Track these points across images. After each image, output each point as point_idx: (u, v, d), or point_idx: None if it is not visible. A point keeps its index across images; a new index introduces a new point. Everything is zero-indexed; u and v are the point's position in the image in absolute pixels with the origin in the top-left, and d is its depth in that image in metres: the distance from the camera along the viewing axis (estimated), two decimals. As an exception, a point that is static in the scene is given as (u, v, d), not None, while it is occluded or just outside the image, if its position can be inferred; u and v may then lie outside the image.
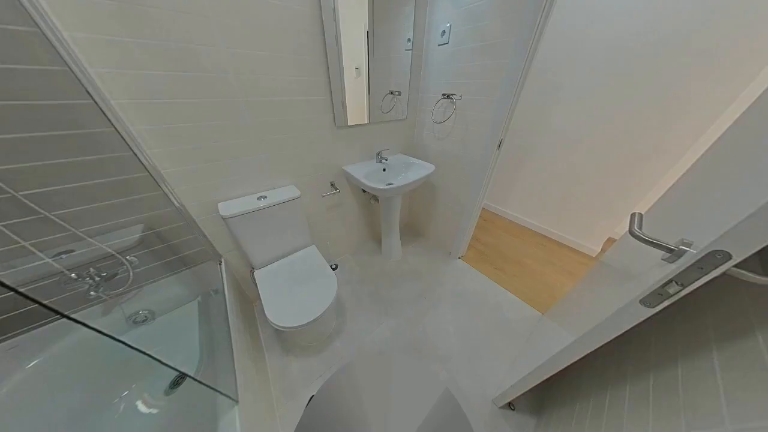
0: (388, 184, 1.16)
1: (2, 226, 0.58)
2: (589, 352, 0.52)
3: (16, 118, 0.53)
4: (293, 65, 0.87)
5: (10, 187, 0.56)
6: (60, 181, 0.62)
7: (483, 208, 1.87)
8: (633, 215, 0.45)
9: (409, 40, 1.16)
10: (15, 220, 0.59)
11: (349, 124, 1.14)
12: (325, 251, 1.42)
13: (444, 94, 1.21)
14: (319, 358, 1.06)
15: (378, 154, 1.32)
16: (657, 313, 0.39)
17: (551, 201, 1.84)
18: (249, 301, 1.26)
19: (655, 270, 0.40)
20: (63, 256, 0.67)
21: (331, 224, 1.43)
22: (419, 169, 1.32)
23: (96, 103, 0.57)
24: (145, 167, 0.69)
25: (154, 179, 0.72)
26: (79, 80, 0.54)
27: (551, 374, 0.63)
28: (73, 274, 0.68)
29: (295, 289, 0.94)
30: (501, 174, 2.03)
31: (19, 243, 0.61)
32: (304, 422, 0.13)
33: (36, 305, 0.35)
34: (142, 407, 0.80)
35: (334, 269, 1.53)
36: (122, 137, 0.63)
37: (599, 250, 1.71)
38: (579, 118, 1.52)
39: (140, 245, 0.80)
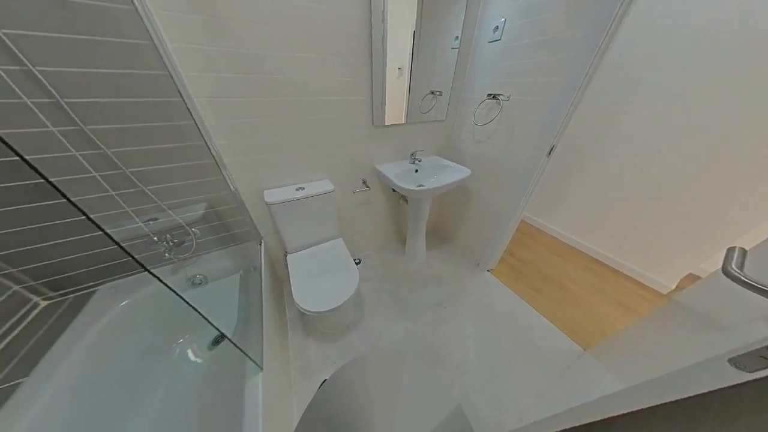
0: (419, 186, 1.15)
1: (116, 194, 0.75)
2: (643, 407, 0.43)
3: (131, 112, 0.68)
4: (339, 67, 0.92)
5: (123, 165, 0.73)
6: (154, 163, 0.77)
7: (522, 220, 1.70)
8: (731, 250, 0.35)
9: (457, 38, 1.12)
10: (123, 191, 0.76)
11: (386, 123, 1.16)
12: (350, 245, 1.48)
13: (489, 95, 1.14)
14: (336, 346, 1.11)
15: (412, 154, 1.31)
16: (754, 380, 0.30)
17: (611, 219, 1.57)
18: (280, 281, 1.38)
19: (759, 325, 0.31)
20: (150, 222, 0.84)
21: (358, 220, 1.47)
22: (453, 173, 1.27)
23: (184, 101, 0.70)
24: (213, 155, 0.82)
25: (218, 166, 0.85)
26: (174, 82, 0.67)
27: (589, 421, 0.54)
28: (155, 238, 0.84)
29: (320, 276, 1.00)
30: (549, 183, 1.81)
31: (124, 209, 0.78)
32: (314, 403, 0.14)
33: (129, 258, 0.44)
34: (191, 355, 0.96)
35: (357, 264, 1.57)
36: (199, 129, 0.76)
37: (673, 287, 1.40)
38: (661, 122, 1.25)
39: (202, 220, 0.94)
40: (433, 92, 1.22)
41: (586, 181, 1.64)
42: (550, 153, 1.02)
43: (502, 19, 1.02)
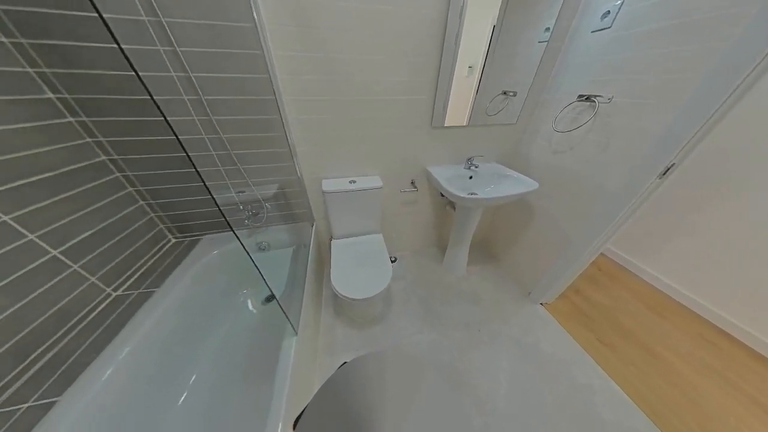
0: (471, 194, 1.06)
1: (222, 169, 0.99)
2: None
3: (242, 106, 0.88)
4: (405, 67, 0.93)
5: (230, 148, 0.94)
6: (249, 147, 0.97)
7: (602, 254, 1.37)
8: None
9: (547, 29, 0.96)
10: (227, 167, 0.99)
11: (445, 125, 1.11)
12: (389, 242, 1.51)
13: (582, 96, 0.94)
14: (360, 334, 1.16)
15: (468, 159, 1.22)
16: None
17: (757, 277, 1.08)
18: (322, 262, 1.54)
19: None
20: (239, 194, 1.06)
21: (401, 219, 1.48)
22: (515, 184, 1.12)
23: (276, 99, 0.85)
24: (289, 145, 0.97)
25: (291, 154, 1.00)
26: (272, 84, 0.82)
27: None
28: (241, 207, 1.07)
29: (356, 266, 1.07)
30: (655, 213, 1.39)
31: (225, 181, 1.02)
32: (332, 381, 0.15)
33: (223, 219, 0.57)
34: (249, 305, 1.18)
35: (393, 261, 1.60)
36: (282, 123, 0.91)
37: None
38: None
39: (273, 198, 1.14)
40: (505, 93, 1.10)
41: (722, 217, 1.17)
42: (665, 174, 0.78)
43: (618, 2, 0.82)
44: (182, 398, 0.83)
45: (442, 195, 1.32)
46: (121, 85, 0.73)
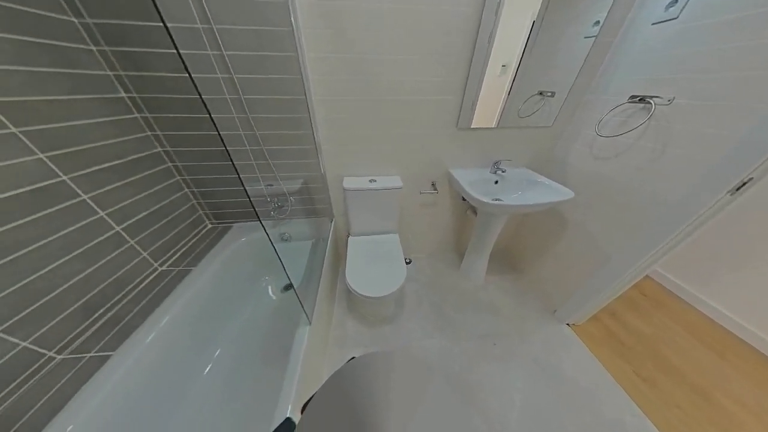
0: (495, 200, 1.01)
1: (254, 163, 1.07)
2: None
3: (275, 105, 0.94)
4: (434, 67, 0.92)
5: (263, 143, 1.01)
6: (279, 144, 1.04)
7: (647, 276, 1.21)
8: None
9: (597, 23, 0.88)
10: (258, 162, 1.07)
11: (472, 126, 1.07)
12: (405, 243, 1.49)
13: (634, 97, 0.84)
14: (370, 331, 1.17)
15: (495, 163, 1.16)
16: None
17: None
18: (339, 257, 1.58)
19: None
20: (268, 186, 1.14)
21: (419, 221, 1.46)
22: (546, 192, 1.04)
23: (306, 98, 0.90)
24: (315, 143, 1.02)
25: (317, 152, 1.04)
26: (304, 84, 0.86)
27: None
28: (268, 199, 1.15)
29: (371, 264, 1.08)
30: (723, 235, 1.19)
31: (256, 174, 1.10)
32: (340, 373, 0.15)
33: (252, 209, 0.62)
34: (270, 292, 1.26)
35: (408, 263, 1.58)
36: (311, 121, 0.95)
37: None
38: None
39: (297, 193, 1.20)
40: (542, 93, 1.02)
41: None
42: (738, 190, 0.66)
43: (689, -12, 0.71)
44: (207, 369, 0.92)
45: (464, 199, 1.27)
46: (177, 85, 0.83)
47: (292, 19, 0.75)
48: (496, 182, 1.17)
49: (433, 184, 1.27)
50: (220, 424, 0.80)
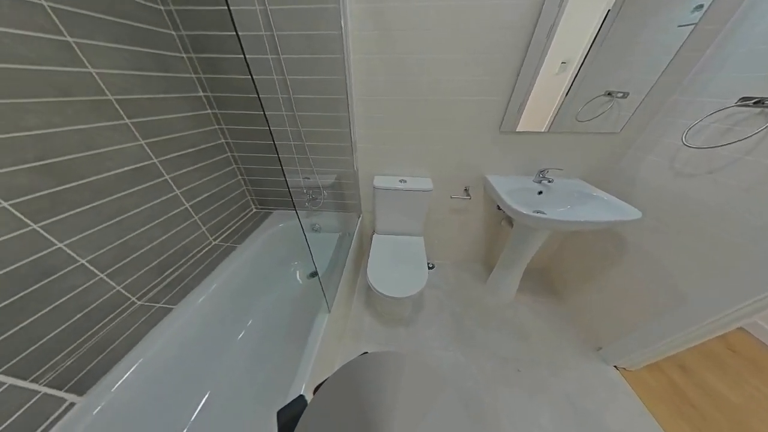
0: (536, 212, 0.91)
1: (295, 157, 1.16)
2: None
3: (319, 104, 1.00)
4: (480, 65, 0.86)
5: (305, 139, 1.10)
6: (318, 140, 1.11)
7: (741, 328, 0.96)
8: None
9: (698, 7, 0.71)
10: (298, 156, 1.16)
11: (517, 130, 0.98)
12: (429, 247, 1.46)
13: (747, 99, 0.66)
14: (385, 330, 1.18)
15: (541, 171, 1.04)
16: None
17: None
18: (362, 253, 1.62)
19: None
20: (305, 179, 1.23)
21: (446, 226, 1.41)
22: (604, 209, 0.90)
23: (347, 98, 0.94)
24: (351, 141, 1.06)
25: (352, 149, 1.09)
26: (346, 84, 0.91)
27: None
28: (304, 190, 1.24)
29: (393, 264, 1.08)
30: None
31: (296, 168, 1.20)
32: (351, 365, 0.16)
33: (290, 199, 0.68)
34: (297, 276, 1.37)
35: (430, 268, 1.54)
36: (349, 119, 1.00)
37: None
38: None
39: (330, 187, 1.27)
40: (610, 93, 0.88)
41: None
42: None
43: None
44: (240, 335, 1.04)
45: (499, 208, 1.18)
46: (240, 85, 0.96)
47: (342, 23, 0.79)
48: (540, 193, 1.05)
49: (465, 190, 1.21)
50: (245, 386, 0.90)
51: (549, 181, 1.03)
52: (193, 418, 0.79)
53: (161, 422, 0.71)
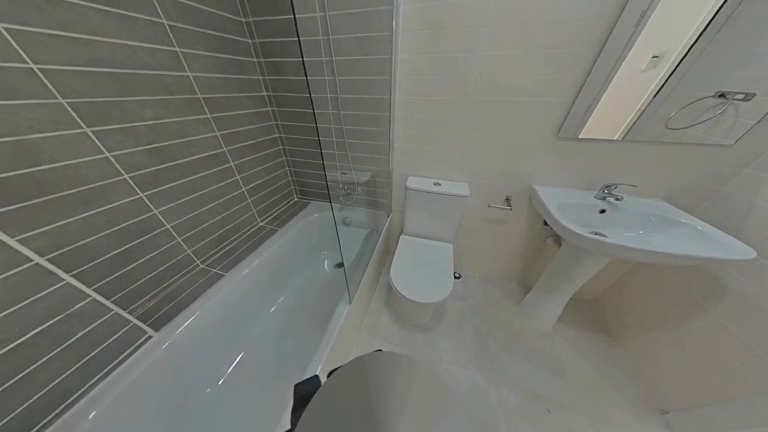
0: (594, 233, 0.78)
1: (335, 153, 1.23)
2: None
3: (362, 104, 1.04)
4: (541, 62, 0.77)
5: (346, 137, 1.16)
6: (358, 138, 1.15)
7: None
8: None
9: None
10: (338, 152, 1.23)
11: (579, 136, 0.85)
12: (458, 256, 1.38)
13: None
14: (401, 333, 1.17)
15: (607, 186, 0.88)
16: None
17: None
18: (387, 252, 1.64)
19: None
20: (342, 174, 1.30)
21: (480, 237, 1.31)
22: (695, 241, 0.72)
23: (390, 97, 0.95)
24: (389, 140, 1.07)
25: (389, 149, 1.10)
26: (390, 84, 0.92)
27: None
28: (340, 185, 1.31)
29: (418, 267, 1.06)
30: None
31: (335, 163, 1.27)
32: (363, 360, 0.16)
33: (326, 192, 0.72)
34: (325, 265, 1.46)
35: (457, 278, 1.47)
36: (389, 119, 1.01)
37: None
38: None
39: (364, 184, 1.31)
40: (724, 95, 0.69)
41: None
42: None
43: None
44: (272, 309, 1.17)
45: (546, 224, 1.04)
46: (296, 86, 1.06)
47: (394, 23, 0.80)
48: (603, 212, 0.89)
49: (506, 199, 1.10)
50: (272, 354, 1.01)
51: (617, 199, 0.87)
52: (229, 370, 0.92)
53: (206, 368, 0.85)
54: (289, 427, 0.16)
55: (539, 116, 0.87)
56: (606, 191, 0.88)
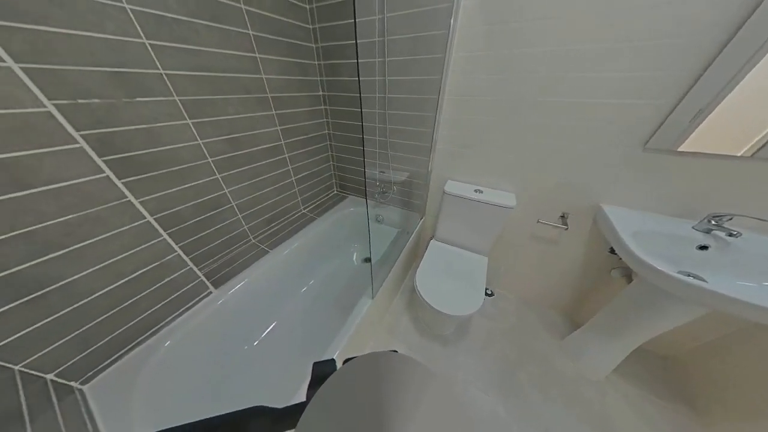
0: (685, 274, 0.61)
1: (376, 151, 1.26)
2: None
3: (409, 104, 1.04)
4: (632, 56, 0.64)
5: (389, 136, 1.17)
6: (400, 138, 1.16)
7: None
8: None
9: None
10: (379, 151, 1.26)
11: (679, 149, 0.67)
12: (492, 271, 1.26)
13: None
14: (420, 340, 1.14)
15: (713, 217, 0.68)
16: None
17: None
18: (415, 255, 1.61)
19: None
20: (380, 173, 1.33)
21: (523, 254, 1.17)
22: None
23: (438, 98, 0.92)
24: (431, 141, 1.04)
25: (430, 150, 1.07)
26: (440, 84, 0.89)
27: None
28: (377, 183, 1.34)
29: (446, 276, 1.01)
30: None
31: (375, 161, 1.31)
32: (378, 358, 0.16)
33: (363, 188, 0.75)
34: (354, 258, 1.52)
35: (488, 295, 1.34)
36: (434, 120, 0.98)
37: None
38: None
39: (400, 184, 1.31)
40: None
41: None
42: None
43: None
44: (303, 289, 1.28)
45: (613, 252, 0.86)
46: (348, 86, 1.12)
47: (452, 21, 0.77)
48: (704, 248, 0.69)
49: (562, 217, 0.95)
50: (298, 330, 1.11)
51: (730, 234, 0.66)
52: (263, 335, 1.05)
53: (246, 329, 0.99)
54: (304, 399, 0.17)
55: (620, 122, 0.72)
56: (713, 222, 0.68)
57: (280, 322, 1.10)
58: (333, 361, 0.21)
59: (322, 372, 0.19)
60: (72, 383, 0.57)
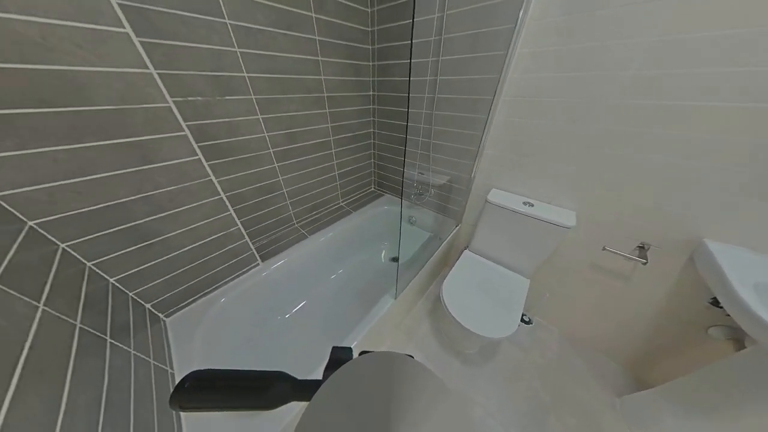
0: None
1: (418, 152, 1.24)
2: None
3: (458, 104, 0.99)
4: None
5: (432, 138, 1.14)
6: (444, 140, 1.11)
7: None
8: None
9: None
10: (420, 151, 1.23)
11: None
12: (533, 297, 1.11)
13: None
14: (438, 348, 1.09)
15: None
16: None
17: None
18: (444, 263, 1.54)
19: None
20: (418, 174, 1.31)
21: (578, 285, 1.00)
22: None
23: (492, 99, 0.85)
24: (479, 145, 0.97)
25: (476, 154, 1.00)
26: (496, 84, 0.82)
27: None
28: (414, 184, 1.32)
29: (477, 291, 0.94)
30: None
31: (415, 162, 1.29)
32: (393, 357, 0.16)
33: (400, 188, 0.75)
34: (382, 256, 1.54)
35: (525, 322, 1.19)
36: (485, 122, 0.91)
37: None
38: None
39: (438, 187, 1.26)
40: None
41: None
42: None
43: None
44: (333, 276, 1.36)
45: (716, 304, 0.66)
46: (397, 85, 1.13)
47: (521, 13, 0.70)
48: None
49: (641, 247, 0.77)
50: (323, 313, 1.19)
51: None
52: (294, 310, 1.17)
53: (281, 302, 1.11)
54: (321, 378, 0.18)
55: (752, 132, 0.53)
56: None
57: (309, 302, 1.21)
58: (350, 349, 0.22)
59: (339, 357, 0.20)
60: (160, 314, 0.74)
